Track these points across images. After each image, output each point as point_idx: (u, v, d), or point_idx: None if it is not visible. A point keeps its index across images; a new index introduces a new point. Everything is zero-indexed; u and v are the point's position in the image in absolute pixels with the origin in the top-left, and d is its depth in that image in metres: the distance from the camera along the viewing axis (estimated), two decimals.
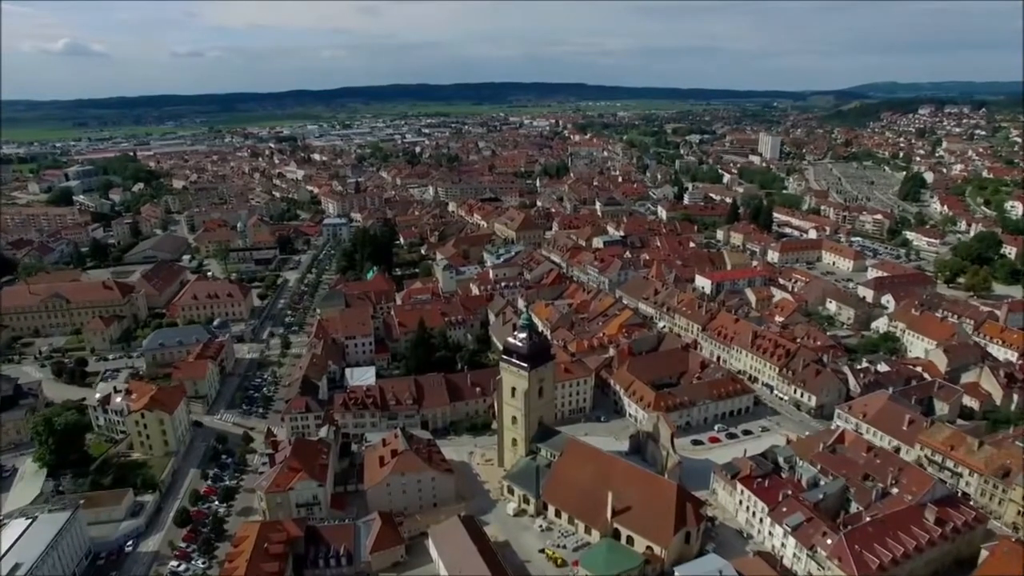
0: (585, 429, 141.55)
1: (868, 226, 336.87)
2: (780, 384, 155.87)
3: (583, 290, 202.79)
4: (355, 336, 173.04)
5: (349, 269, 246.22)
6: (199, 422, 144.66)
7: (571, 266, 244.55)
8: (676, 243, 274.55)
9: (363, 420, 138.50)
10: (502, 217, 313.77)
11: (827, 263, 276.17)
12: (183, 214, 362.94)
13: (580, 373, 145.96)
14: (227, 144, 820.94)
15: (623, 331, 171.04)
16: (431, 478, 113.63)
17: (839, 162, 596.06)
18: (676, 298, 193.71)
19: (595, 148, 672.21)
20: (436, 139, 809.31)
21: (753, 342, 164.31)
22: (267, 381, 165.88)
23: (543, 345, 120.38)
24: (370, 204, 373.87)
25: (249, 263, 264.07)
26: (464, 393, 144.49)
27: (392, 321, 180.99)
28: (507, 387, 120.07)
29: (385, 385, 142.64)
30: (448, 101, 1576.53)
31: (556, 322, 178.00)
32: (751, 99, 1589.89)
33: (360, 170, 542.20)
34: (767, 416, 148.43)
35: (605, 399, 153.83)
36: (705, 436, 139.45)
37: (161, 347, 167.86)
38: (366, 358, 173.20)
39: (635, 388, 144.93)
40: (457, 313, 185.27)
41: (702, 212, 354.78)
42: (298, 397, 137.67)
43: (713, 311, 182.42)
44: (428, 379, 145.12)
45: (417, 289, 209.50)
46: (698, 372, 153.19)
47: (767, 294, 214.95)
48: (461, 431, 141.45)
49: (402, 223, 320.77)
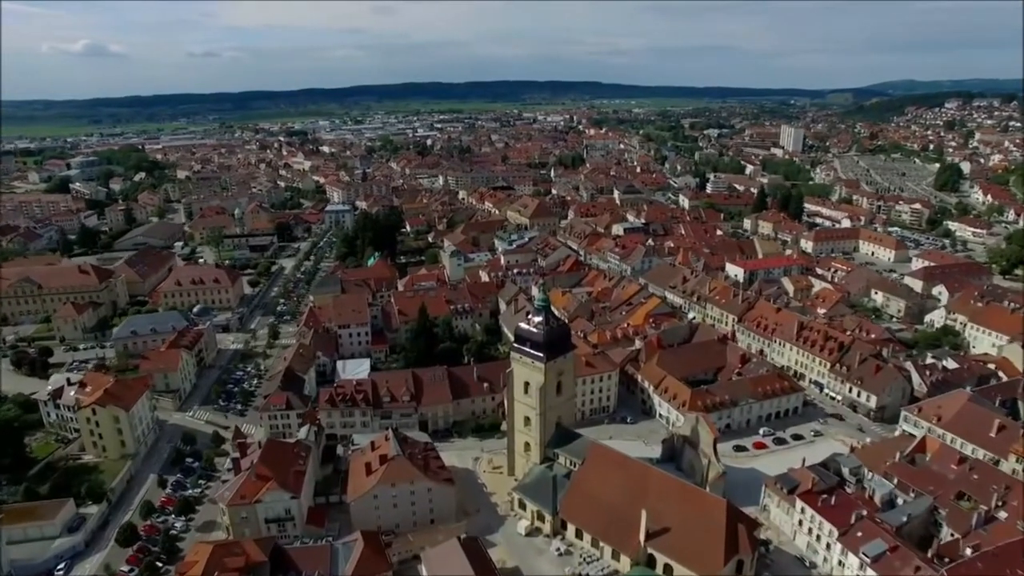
0: (610, 432, 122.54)
1: (905, 216, 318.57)
2: (832, 382, 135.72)
3: (604, 277, 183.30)
4: (349, 325, 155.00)
5: (349, 255, 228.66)
6: (166, 420, 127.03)
7: (589, 254, 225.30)
8: (702, 231, 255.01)
9: (352, 419, 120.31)
10: (515, 204, 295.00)
11: (865, 253, 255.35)
12: (181, 202, 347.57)
13: (603, 367, 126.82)
14: (237, 139, 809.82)
15: (650, 321, 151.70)
16: (427, 489, 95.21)
17: (865, 155, 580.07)
18: (708, 286, 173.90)
19: (611, 141, 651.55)
20: (448, 133, 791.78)
21: (799, 334, 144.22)
22: (250, 374, 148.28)
23: (562, 332, 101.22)
24: (376, 192, 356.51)
25: (244, 250, 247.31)
26: (470, 389, 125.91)
27: (391, 309, 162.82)
28: (519, 382, 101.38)
29: (379, 379, 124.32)
30: (462, 99, 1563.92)
31: (575, 311, 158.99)
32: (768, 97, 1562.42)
33: (369, 161, 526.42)
34: (818, 418, 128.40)
35: (631, 398, 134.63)
36: (749, 441, 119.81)
37: (133, 335, 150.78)
38: (361, 349, 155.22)
39: (667, 385, 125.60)
40: (464, 301, 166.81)
41: (726, 201, 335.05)
42: (278, 392, 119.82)
43: (751, 300, 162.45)
44: (428, 373, 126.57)
45: (421, 276, 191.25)
46: (738, 367, 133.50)
47: (806, 283, 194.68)
48: (466, 433, 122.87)
49: (409, 210, 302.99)
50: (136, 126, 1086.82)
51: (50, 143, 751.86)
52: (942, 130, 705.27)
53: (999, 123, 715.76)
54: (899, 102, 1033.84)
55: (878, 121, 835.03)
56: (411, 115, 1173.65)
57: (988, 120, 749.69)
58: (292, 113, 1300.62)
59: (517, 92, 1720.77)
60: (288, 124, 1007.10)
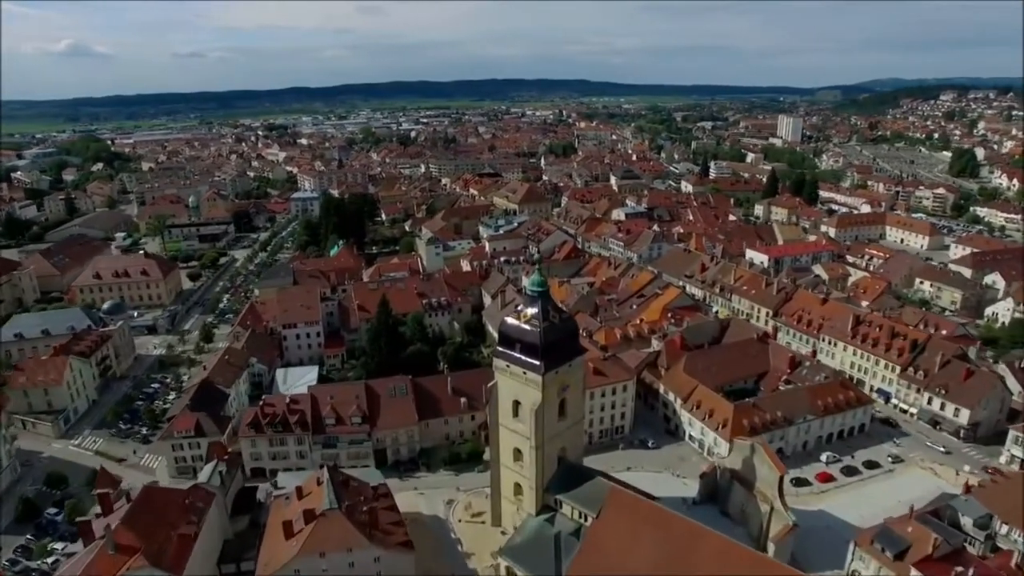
0: (626, 460, 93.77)
1: (926, 202, 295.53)
2: (904, 391, 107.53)
3: (609, 265, 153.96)
4: (296, 324, 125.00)
5: (311, 244, 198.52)
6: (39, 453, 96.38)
7: (587, 240, 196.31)
8: (712, 216, 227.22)
9: (285, 448, 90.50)
10: (502, 190, 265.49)
11: (893, 240, 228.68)
12: (134, 191, 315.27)
13: (616, 376, 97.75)
14: (213, 133, 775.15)
15: (668, 316, 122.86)
16: (373, 559, 65.72)
17: (867, 144, 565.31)
18: (733, 274, 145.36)
19: (603, 132, 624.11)
20: (434, 126, 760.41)
21: (855, 330, 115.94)
22: (168, 386, 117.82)
23: (567, 329, 71.45)
24: (351, 179, 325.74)
25: (193, 240, 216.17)
26: (442, 406, 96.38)
27: (350, 304, 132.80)
28: (506, 400, 72.12)
29: (320, 394, 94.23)
30: (449, 97, 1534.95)
31: (575, 305, 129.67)
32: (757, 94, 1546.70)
33: (348, 152, 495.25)
34: (891, 438, 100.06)
35: (650, 414, 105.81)
36: (811, 471, 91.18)
37: (18, 339, 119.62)
38: (312, 354, 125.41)
39: (699, 398, 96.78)
40: (439, 294, 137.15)
41: (733, 187, 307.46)
42: (186, 413, 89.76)
43: (788, 290, 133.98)
44: (387, 385, 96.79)
45: (390, 265, 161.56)
46: (785, 372, 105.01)
47: (842, 271, 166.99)
48: (436, 464, 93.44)
49: (386, 198, 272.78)
50: (114, 124, 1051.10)
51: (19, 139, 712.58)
52: (942, 120, 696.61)
53: (1000, 112, 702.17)
54: (893, 95, 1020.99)
55: (872, 114, 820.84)
56: (397, 111, 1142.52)
57: (989, 110, 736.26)
58: (276, 111, 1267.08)
59: (505, 90, 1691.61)
60: (269, 120, 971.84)
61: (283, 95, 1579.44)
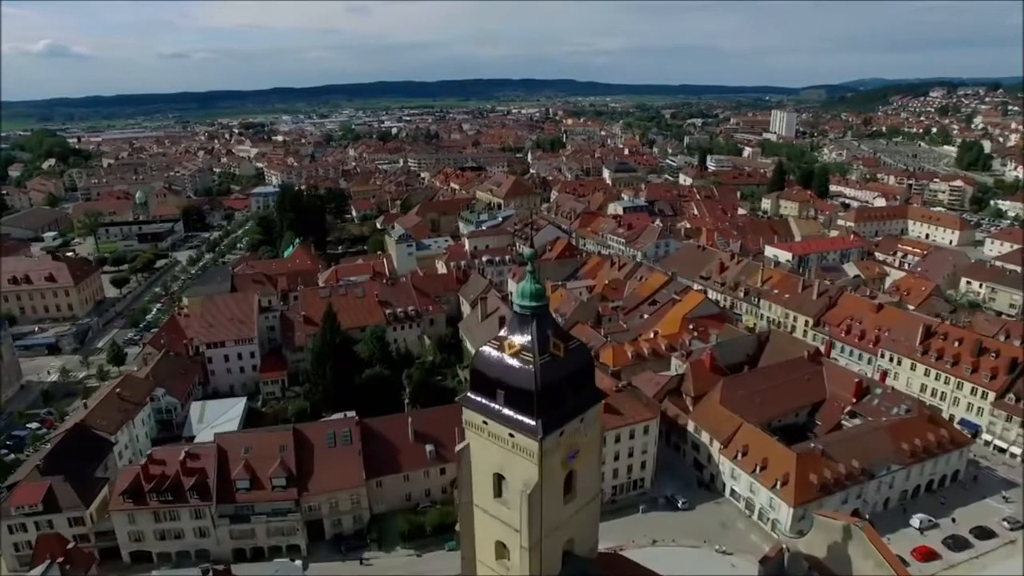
0: (650, 528, 69.28)
1: (941, 195, 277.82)
2: (998, 423, 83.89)
3: (612, 264, 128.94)
4: (224, 342, 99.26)
5: (265, 244, 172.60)
6: None
7: (582, 237, 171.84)
8: (719, 210, 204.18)
9: (177, 526, 64.74)
10: (486, 183, 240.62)
11: (917, 235, 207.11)
12: (80, 187, 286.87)
13: (635, 415, 72.93)
14: (188, 131, 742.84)
15: (690, 328, 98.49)
16: None
17: (864, 139, 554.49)
18: (760, 275, 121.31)
19: (592, 128, 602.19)
20: (417, 123, 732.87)
21: (925, 344, 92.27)
22: (35, 431, 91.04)
23: (578, 366, 46.03)
24: (322, 174, 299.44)
25: (132, 240, 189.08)
26: (399, 456, 71.11)
27: (296, 317, 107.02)
28: (482, 472, 46.81)
29: (231, 445, 68.36)
30: (434, 97, 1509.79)
31: (572, 314, 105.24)
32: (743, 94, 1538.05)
33: (325, 149, 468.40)
34: (997, 491, 76.21)
35: (674, 456, 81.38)
36: (903, 542, 66.85)
37: None
38: (246, 379, 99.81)
39: (745, 441, 72.28)
40: (406, 302, 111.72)
41: (736, 180, 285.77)
42: (34, 478, 63.85)
43: (831, 294, 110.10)
44: (324, 430, 71.24)
45: (351, 268, 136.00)
46: (849, 402, 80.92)
47: (878, 271, 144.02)
48: (391, 541, 68.04)
49: (358, 193, 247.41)
50: (89, 123, 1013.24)
51: None
52: (936, 115, 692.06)
53: (995, 107, 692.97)
54: (882, 92, 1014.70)
55: (861, 111, 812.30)
56: (380, 111, 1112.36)
57: (982, 105, 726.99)
58: (258, 111, 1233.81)
59: (491, 90, 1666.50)
60: (248, 119, 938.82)
61: (267, 96, 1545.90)
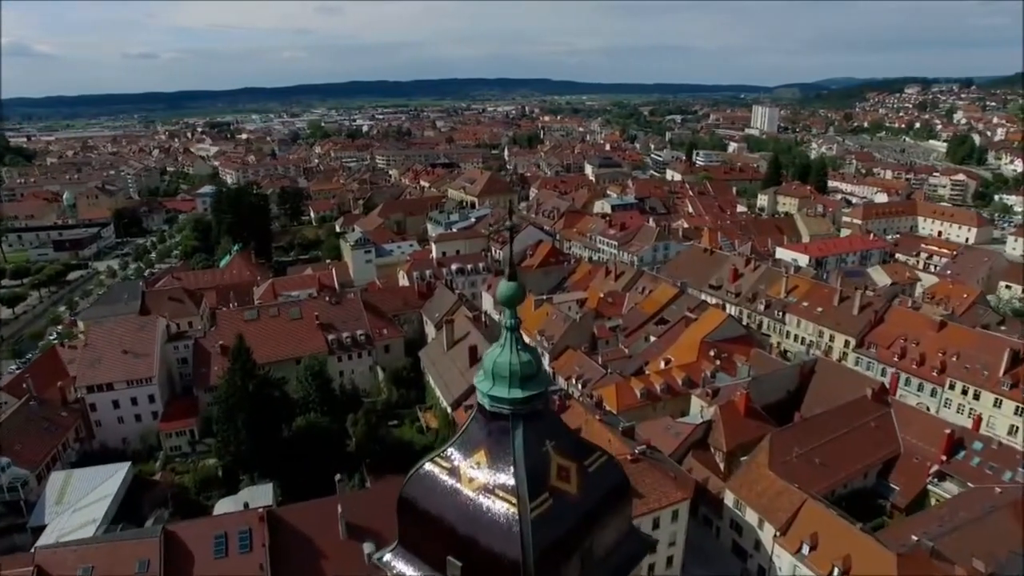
0: None
1: (942, 190, 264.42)
2: None
3: (607, 273, 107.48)
4: (111, 385, 76.13)
5: (201, 251, 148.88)
6: None
7: (566, 239, 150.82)
8: (716, 207, 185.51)
9: None
10: (458, 180, 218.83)
11: (928, 232, 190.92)
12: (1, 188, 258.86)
13: (662, 496, 51.50)
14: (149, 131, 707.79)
15: (711, 355, 77.80)
16: None
17: (847, 134, 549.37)
18: (784, 284, 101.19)
19: (570, 124, 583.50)
20: (389, 121, 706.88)
21: (1013, 375, 72.74)
22: None
23: (605, 502, 23.46)
24: (281, 172, 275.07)
25: (47, 248, 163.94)
26: (323, 566, 49.05)
27: (211, 346, 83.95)
28: None
29: (59, 565, 45.73)
30: (409, 96, 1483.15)
31: (561, 339, 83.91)
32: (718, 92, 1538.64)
33: (290, 147, 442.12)
34: None
35: (703, 533, 60.52)
36: None
37: None
38: (144, 430, 76.79)
39: (811, 527, 51.50)
40: (355, 325, 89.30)
41: (728, 175, 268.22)
42: None
43: (877, 308, 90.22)
44: (209, 530, 48.86)
45: (293, 280, 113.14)
46: (937, 459, 60.88)
47: (909, 275, 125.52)
48: None
49: (318, 193, 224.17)
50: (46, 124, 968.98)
51: None
52: (915, 111, 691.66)
53: (972, 103, 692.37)
54: (859, 89, 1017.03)
55: (839, 107, 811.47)
56: (353, 110, 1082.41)
57: (959, 101, 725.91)
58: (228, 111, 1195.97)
59: (466, 89, 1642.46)
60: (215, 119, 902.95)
61: (238, 96, 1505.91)
